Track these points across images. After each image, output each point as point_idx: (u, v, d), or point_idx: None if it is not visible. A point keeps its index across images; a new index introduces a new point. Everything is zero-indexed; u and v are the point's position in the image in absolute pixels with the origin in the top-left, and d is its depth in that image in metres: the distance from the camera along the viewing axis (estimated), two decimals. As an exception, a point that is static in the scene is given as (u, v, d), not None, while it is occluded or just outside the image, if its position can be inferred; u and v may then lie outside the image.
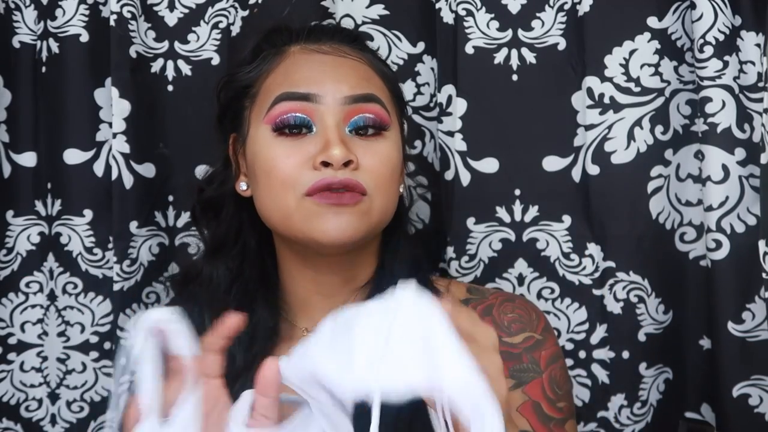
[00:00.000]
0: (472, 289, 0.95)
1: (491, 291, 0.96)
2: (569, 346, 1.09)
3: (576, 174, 1.09)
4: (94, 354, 1.13)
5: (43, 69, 1.12)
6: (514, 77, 1.09)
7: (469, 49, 1.09)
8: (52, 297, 1.13)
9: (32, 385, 1.14)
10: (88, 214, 1.12)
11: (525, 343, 0.88)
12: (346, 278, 0.89)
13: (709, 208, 1.02)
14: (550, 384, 0.87)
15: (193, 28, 1.13)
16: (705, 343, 1.08)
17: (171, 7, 1.13)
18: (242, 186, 0.90)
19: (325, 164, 0.82)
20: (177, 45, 1.13)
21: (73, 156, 1.12)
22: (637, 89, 1.07)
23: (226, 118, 0.93)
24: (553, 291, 1.10)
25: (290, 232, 0.85)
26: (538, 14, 1.09)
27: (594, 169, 1.07)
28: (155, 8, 1.13)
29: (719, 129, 1.01)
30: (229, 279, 0.91)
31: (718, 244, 1.01)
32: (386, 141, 0.86)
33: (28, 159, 1.13)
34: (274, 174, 0.83)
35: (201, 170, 1.12)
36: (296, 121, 0.84)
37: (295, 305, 0.91)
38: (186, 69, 1.13)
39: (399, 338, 0.57)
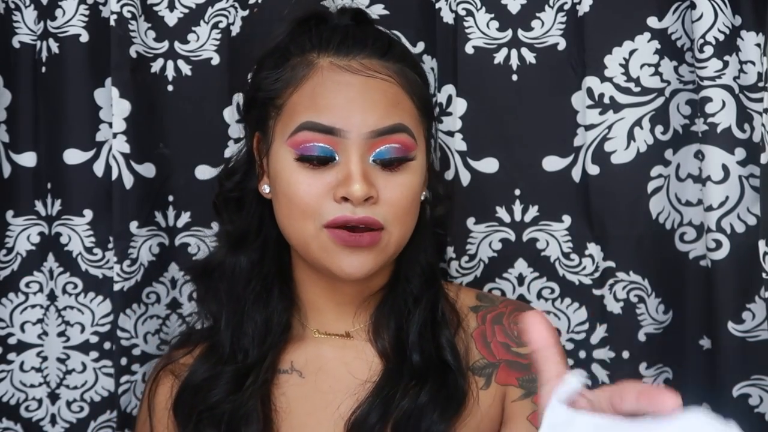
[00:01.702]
0: (481, 296, 0.95)
1: (501, 299, 0.96)
2: (569, 346, 1.09)
3: (576, 174, 1.09)
4: (94, 354, 1.13)
5: (43, 69, 1.12)
6: (514, 77, 1.09)
7: (469, 49, 1.09)
8: (52, 297, 1.13)
9: (32, 385, 1.14)
10: (88, 214, 1.12)
11: None
12: (360, 288, 0.90)
13: (709, 208, 1.02)
14: None
15: (193, 28, 1.13)
16: (705, 343, 1.08)
17: (171, 7, 1.12)
18: (265, 189, 0.90)
19: (346, 198, 0.82)
20: (177, 45, 1.13)
21: (73, 156, 1.12)
22: (637, 89, 1.07)
23: (251, 115, 0.92)
24: (553, 291, 1.10)
25: (307, 256, 0.86)
26: (538, 14, 1.09)
27: (594, 169, 1.07)
28: (155, 8, 1.12)
29: (719, 129, 1.01)
30: (249, 271, 0.92)
31: (718, 244, 1.01)
32: (409, 170, 0.85)
33: (28, 159, 1.13)
34: (295, 202, 0.84)
35: (202, 170, 1.12)
36: (320, 152, 0.83)
37: (307, 307, 0.92)
38: (186, 69, 1.13)
39: None
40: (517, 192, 1.10)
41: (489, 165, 1.10)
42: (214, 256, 0.97)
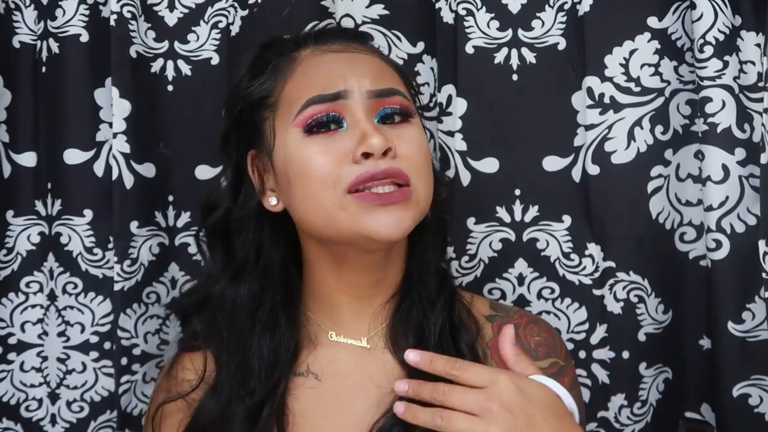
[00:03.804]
0: (494, 306, 0.94)
1: (514, 309, 0.95)
2: (569, 346, 1.09)
3: (576, 174, 1.09)
4: (94, 354, 1.13)
5: (43, 69, 1.12)
6: (514, 77, 1.09)
7: (469, 48, 1.09)
8: (52, 297, 1.13)
9: (32, 385, 1.14)
10: (88, 214, 1.12)
11: (551, 368, 0.88)
12: (377, 279, 0.88)
13: (709, 208, 1.02)
14: None
15: (193, 28, 1.13)
16: (705, 343, 1.08)
17: (171, 7, 1.13)
18: (272, 201, 0.88)
19: (365, 156, 0.81)
20: (177, 45, 1.13)
21: (73, 156, 1.12)
22: (637, 89, 1.07)
23: (240, 136, 0.91)
24: (553, 291, 1.10)
25: (335, 231, 0.83)
26: (538, 14, 1.09)
27: (594, 169, 1.07)
28: (155, 8, 1.13)
29: (719, 129, 1.01)
30: (251, 303, 0.89)
31: (718, 244, 1.01)
32: (414, 127, 0.86)
33: (28, 159, 1.13)
34: (310, 174, 0.82)
35: (202, 170, 1.12)
36: (328, 117, 0.83)
37: (322, 307, 0.90)
38: (186, 69, 1.13)
39: None
40: (517, 192, 1.10)
41: (489, 165, 1.10)
42: (211, 288, 0.93)
